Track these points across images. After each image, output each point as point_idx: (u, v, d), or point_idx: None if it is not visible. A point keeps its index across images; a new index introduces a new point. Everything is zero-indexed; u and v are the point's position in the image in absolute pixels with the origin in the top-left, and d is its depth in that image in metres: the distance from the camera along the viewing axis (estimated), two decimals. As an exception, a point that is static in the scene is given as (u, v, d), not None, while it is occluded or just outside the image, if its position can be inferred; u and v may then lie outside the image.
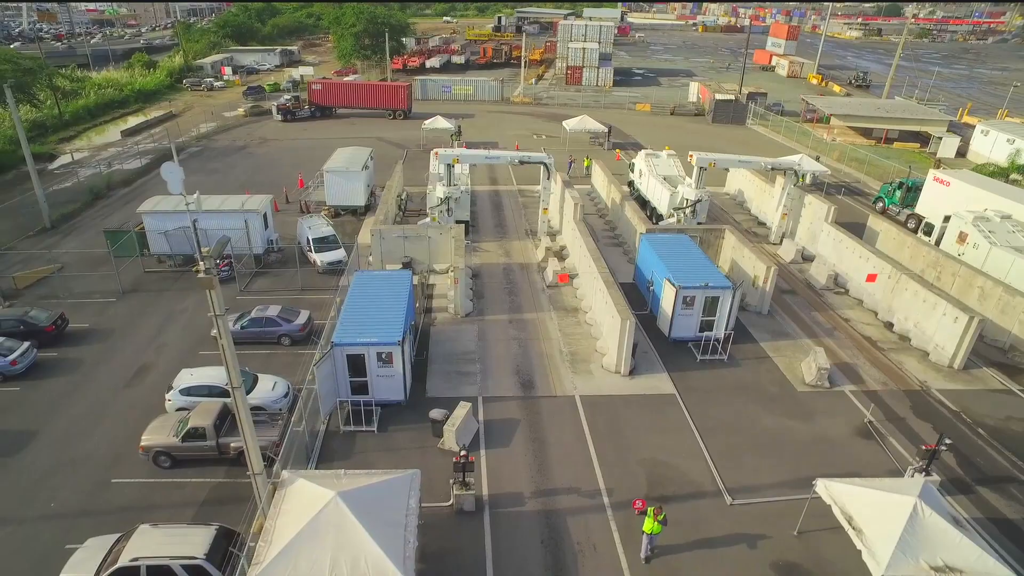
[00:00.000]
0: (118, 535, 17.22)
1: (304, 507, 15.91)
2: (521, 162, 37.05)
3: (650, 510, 17.44)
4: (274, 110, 72.32)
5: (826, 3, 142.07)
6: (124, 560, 15.97)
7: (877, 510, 16.35)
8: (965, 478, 21.21)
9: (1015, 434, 23.34)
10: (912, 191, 42.55)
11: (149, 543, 16.41)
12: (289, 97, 74.26)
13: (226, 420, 21.51)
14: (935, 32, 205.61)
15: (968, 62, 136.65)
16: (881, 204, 44.97)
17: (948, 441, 19.32)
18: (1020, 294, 28.08)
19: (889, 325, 30.26)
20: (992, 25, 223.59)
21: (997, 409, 24.69)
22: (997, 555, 15.50)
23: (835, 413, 24.25)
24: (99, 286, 33.11)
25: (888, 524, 15.82)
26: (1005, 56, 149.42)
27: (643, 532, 17.65)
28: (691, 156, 37.06)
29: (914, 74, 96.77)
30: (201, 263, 13.92)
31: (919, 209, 41.33)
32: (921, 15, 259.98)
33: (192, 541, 16.54)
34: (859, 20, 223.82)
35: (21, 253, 36.99)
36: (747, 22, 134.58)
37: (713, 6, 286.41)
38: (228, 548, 16.69)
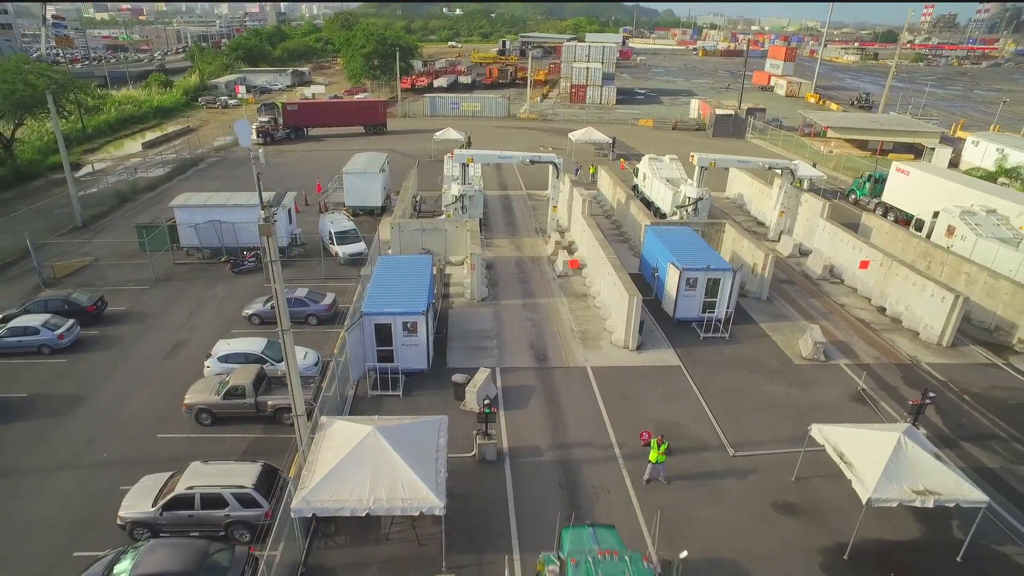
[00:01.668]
0: (171, 472, 18.82)
1: (344, 441, 17.53)
2: (532, 161, 39.06)
3: (653, 441, 19.16)
4: (253, 133, 67.67)
5: (822, 28, 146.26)
6: (180, 489, 17.62)
7: (865, 445, 17.95)
8: (951, 435, 22.75)
9: (998, 400, 24.92)
10: (879, 183, 47.24)
11: (201, 476, 18.06)
12: (267, 119, 71.57)
13: (263, 382, 23.15)
14: (930, 56, 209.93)
15: (964, 85, 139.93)
16: (853, 196, 49.79)
17: (932, 395, 21.01)
18: (1003, 278, 29.85)
19: (882, 309, 31.94)
20: (985, 51, 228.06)
21: (982, 379, 26.31)
22: (973, 482, 17.01)
23: (830, 382, 25.87)
24: (132, 275, 34.97)
25: (875, 456, 17.40)
26: (998, 79, 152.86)
27: (649, 462, 19.30)
28: (692, 156, 39.15)
29: (908, 93, 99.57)
30: (262, 212, 15.78)
31: (885, 197, 45.85)
32: (916, 41, 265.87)
33: (240, 474, 18.19)
34: (856, 45, 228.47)
35: (57, 248, 38.89)
36: (745, 47, 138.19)
37: (713, 32, 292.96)
38: (272, 481, 18.29)
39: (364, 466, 16.70)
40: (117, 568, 15.56)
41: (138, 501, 17.94)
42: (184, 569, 15.37)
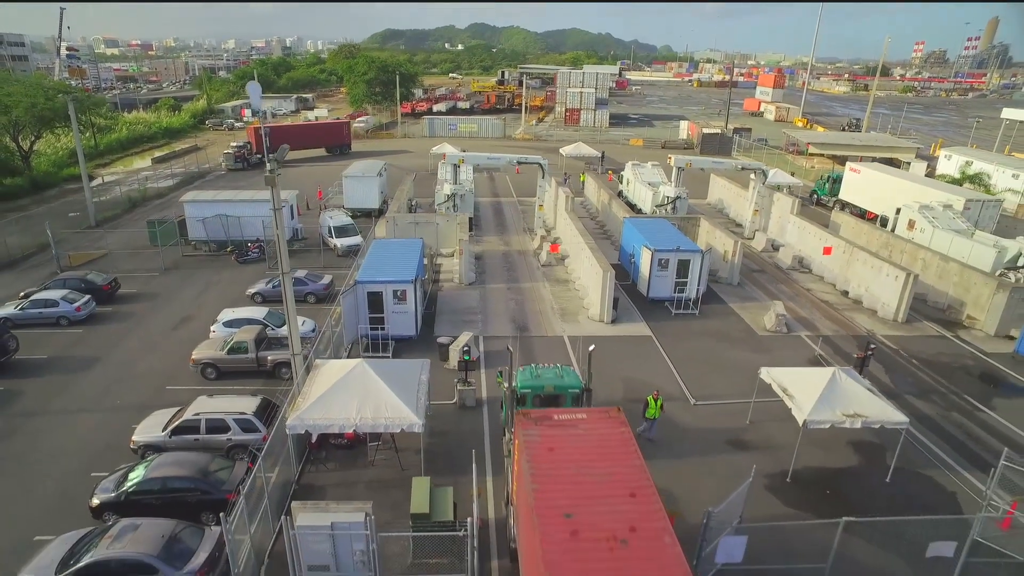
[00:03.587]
0: (179, 407, 20.85)
1: (334, 373, 19.58)
2: (519, 162, 41.65)
3: (649, 398, 20.94)
4: (231, 159, 66.77)
5: (816, 62, 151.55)
6: (188, 415, 19.65)
7: (805, 381, 19.99)
8: (896, 390, 24.67)
9: (942, 363, 26.96)
10: (836, 183, 51.89)
11: (207, 406, 20.12)
12: (242, 143, 69.88)
13: (263, 341, 25.26)
14: (919, 88, 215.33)
15: (950, 112, 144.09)
16: (815, 196, 54.28)
17: (873, 345, 23.07)
18: (953, 260, 32.18)
19: (845, 293, 34.10)
20: (973, 84, 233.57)
21: (930, 348, 28.36)
22: (898, 409, 18.99)
23: (790, 349, 27.90)
24: (143, 264, 37.37)
25: (812, 388, 19.41)
26: (983, 107, 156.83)
27: (646, 418, 21.05)
28: (670, 158, 41.74)
29: (895, 119, 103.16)
30: (268, 164, 18.12)
31: (841, 195, 50.73)
32: (908, 75, 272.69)
33: (242, 404, 20.26)
34: (846, 77, 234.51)
35: (72, 242, 41.28)
36: (731, 73, 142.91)
37: (709, 65, 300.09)
38: (270, 412, 20.30)
39: (352, 391, 18.71)
40: (131, 476, 17.51)
41: (150, 428, 19.96)
42: (190, 476, 17.33)
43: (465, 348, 22.79)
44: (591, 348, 18.08)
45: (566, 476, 13.03)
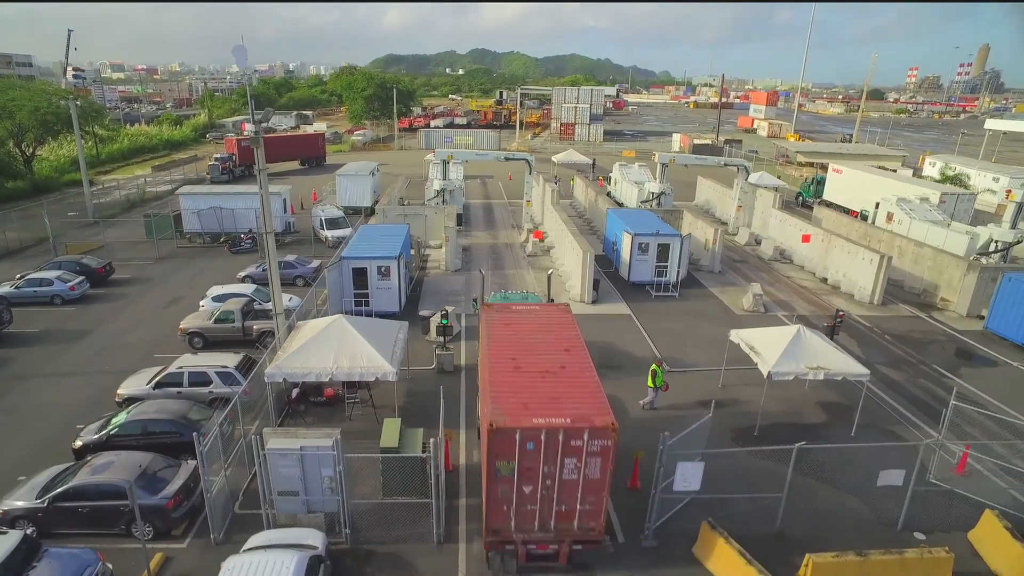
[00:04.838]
0: (164, 366, 21.45)
1: (314, 328, 20.25)
2: (506, 158, 42.77)
3: (654, 367, 21.22)
4: (216, 170, 64.84)
5: (811, 87, 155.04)
6: (172, 368, 20.26)
7: (771, 339, 20.59)
8: (868, 361, 25.18)
9: (914, 339, 27.58)
10: (820, 184, 53.81)
11: (190, 361, 20.73)
12: (226, 155, 68.74)
13: (249, 312, 25.95)
14: (912, 111, 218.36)
15: (940, 131, 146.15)
16: (801, 198, 55.76)
17: (841, 312, 23.67)
18: (927, 246, 32.98)
19: (824, 280, 34.80)
20: (965, 107, 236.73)
21: (903, 325, 28.98)
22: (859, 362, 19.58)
23: (766, 326, 28.38)
24: (139, 254, 38.22)
25: (778, 343, 20.01)
26: (973, 127, 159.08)
27: (649, 387, 21.39)
28: (654, 155, 42.73)
29: (885, 136, 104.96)
30: (252, 125, 18.95)
31: (825, 194, 52.79)
32: (903, 99, 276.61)
33: (223, 359, 20.85)
34: (840, 99, 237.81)
35: (71, 236, 42.07)
36: (720, 82, 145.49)
37: (706, 89, 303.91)
38: (251, 368, 20.88)
39: (330, 343, 19.34)
40: (114, 420, 18.09)
41: (134, 383, 20.56)
42: (170, 419, 17.90)
43: (443, 312, 23.43)
44: (549, 272, 21.50)
45: (516, 338, 16.87)
